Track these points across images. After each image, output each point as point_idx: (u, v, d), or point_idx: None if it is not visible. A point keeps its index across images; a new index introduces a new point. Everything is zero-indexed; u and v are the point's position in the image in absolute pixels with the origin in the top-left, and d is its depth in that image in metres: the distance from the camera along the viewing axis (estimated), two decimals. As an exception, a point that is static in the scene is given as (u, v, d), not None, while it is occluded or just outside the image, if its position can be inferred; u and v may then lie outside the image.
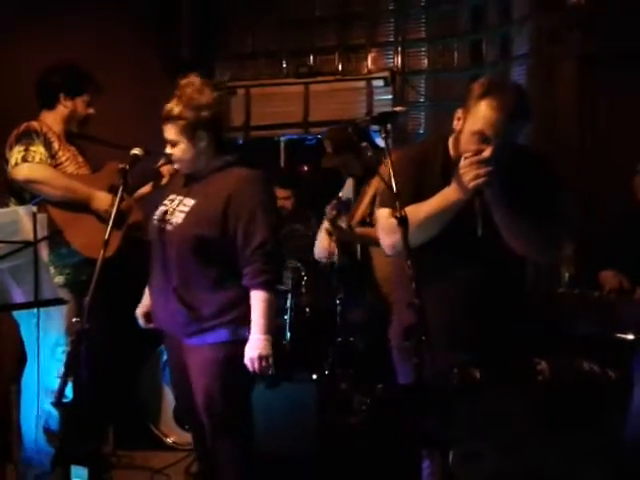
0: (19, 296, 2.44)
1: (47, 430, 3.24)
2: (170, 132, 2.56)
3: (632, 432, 2.31)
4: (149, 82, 4.60)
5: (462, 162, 2.06)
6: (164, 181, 3.14)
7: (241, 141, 5.31)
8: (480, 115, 2.07)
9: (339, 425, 3.26)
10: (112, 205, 3.24)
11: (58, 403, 2.26)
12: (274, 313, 2.54)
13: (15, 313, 3.13)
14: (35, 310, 2.89)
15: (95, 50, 4.23)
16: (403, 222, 1.93)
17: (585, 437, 1.86)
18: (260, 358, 2.47)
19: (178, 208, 2.58)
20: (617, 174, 3.64)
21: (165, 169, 3.11)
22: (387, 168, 2.05)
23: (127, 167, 2.45)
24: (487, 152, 2.05)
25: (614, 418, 1.91)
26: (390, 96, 4.97)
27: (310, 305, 3.61)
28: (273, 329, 2.52)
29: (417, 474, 2.20)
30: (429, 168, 2.22)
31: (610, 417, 1.91)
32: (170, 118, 2.54)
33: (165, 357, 3.67)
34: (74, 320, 2.19)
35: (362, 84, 5.02)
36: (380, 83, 4.99)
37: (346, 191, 3.63)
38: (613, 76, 4.28)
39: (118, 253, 3.08)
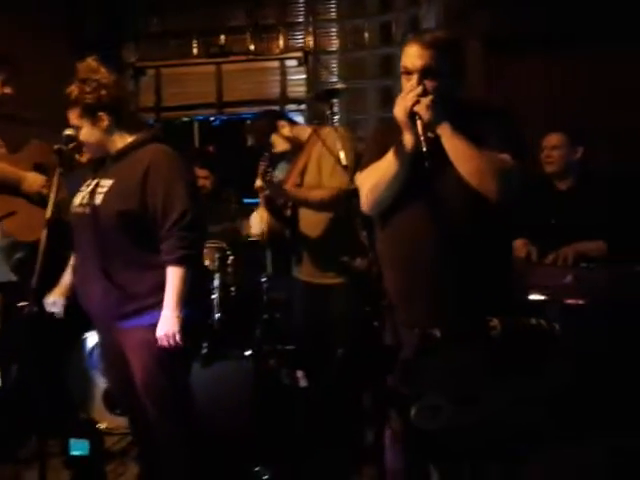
0: None
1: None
2: (72, 116, 2.56)
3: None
4: (55, 63, 4.46)
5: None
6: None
7: (151, 122, 5.24)
8: (402, 57, 2.23)
9: (273, 400, 3.32)
10: (45, 186, 3.21)
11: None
12: (188, 287, 2.50)
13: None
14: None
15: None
16: (354, 193, 2.02)
17: (532, 383, 2.01)
18: (168, 336, 2.49)
19: (97, 190, 2.56)
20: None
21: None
22: (337, 142, 2.14)
23: (63, 148, 2.43)
24: (413, 80, 2.17)
25: (558, 366, 2.08)
26: (304, 76, 5.03)
27: (236, 284, 3.64)
28: (182, 304, 2.49)
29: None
30: (395, 135, 2.27)
31: (555, 365, 2.08)
32: (70, 102, 2.54)
33: (90, 344, 3.65)
34: (21, 304, 2.15)
35: (275, 64, 5.05)
36: (293, 63, 5.04)
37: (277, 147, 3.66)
38: (517, 56, 4.47)
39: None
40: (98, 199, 2.53)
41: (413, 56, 2.19)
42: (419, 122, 2.12)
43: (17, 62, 3.31)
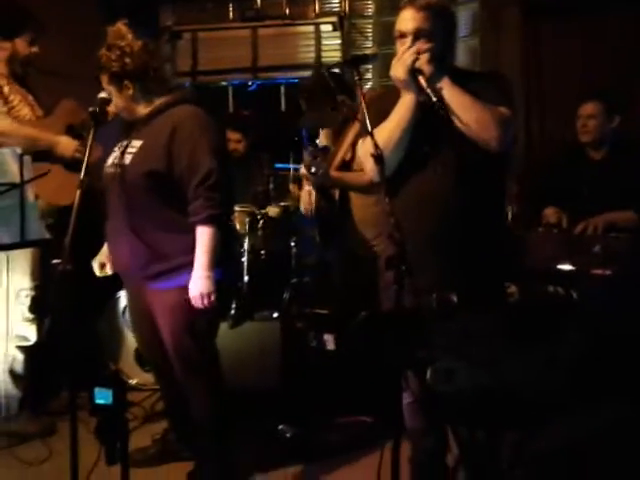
0: (5, 237, 2.47)
1: (13, 374, 3.29)
2: (103, 81, 2.60)
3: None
4: (87, 27, 4.49)
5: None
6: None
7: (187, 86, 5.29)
8: (397, 22, 2.26)
9: (300, 360, 3.38)
10: (78, 150, 3.24)
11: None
12: (218, 247, 2.51)
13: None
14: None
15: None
16: (379, 160, 2.04)
17: (549, 350, 2.03)
18: (202, 296, 2.50)
19: (127, 151, 2.60)
20: (560, 117, 3.78)
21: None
22: (361, 108, 2.17)
23: (97, 110, 2.45)
24: (407, 41, 2.21)
25: (576, 333, 2.10)
26: (338, 41, 5.00)
27: (266, 247, 3.69)
28: (214, 264, 2.50)
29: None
30: (390, 101, 2.31)
31: (573, 332, 2.09)
32: (99, 68, 2.57)
33: (123, 302, 3.75)
34: (54, 262, 2.21)
35: (310, 29, 5.02)
36: (328, 27, 5.00)
37: (322, 140, 3.65)
38: (556, 22, 4.40)
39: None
40: (127, 159, 2.57)
41: (407, 19, 2.23)
42: (421, 77, 2.17)
43: (41, 20, 3.29)
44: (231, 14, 5.24)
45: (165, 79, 2.67)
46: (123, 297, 3.72)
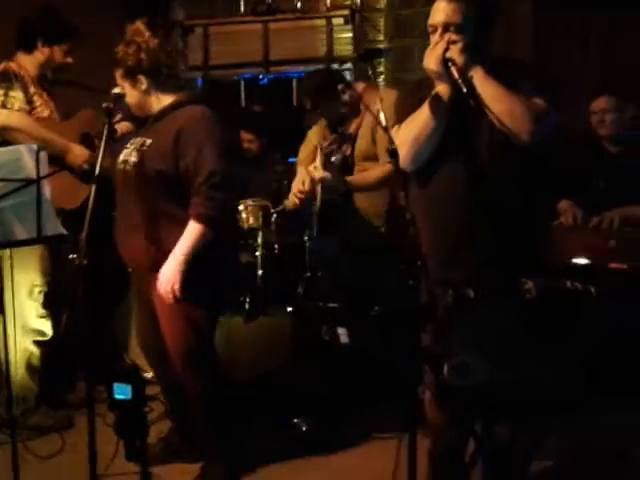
0: (21, 233, 2.49)
1: (30, 368, 3.34)
2: (117, 76, 2.67)
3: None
4: (110, 24, 4.50)
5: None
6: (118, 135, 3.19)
7: (200, 80, 5.30)
8: (430, 15, 2.27)
9: (314, 354, 3.40)
10: (87, 161, 3.29)
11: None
12: (201, 246, 2.54)
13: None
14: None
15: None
16: (394, 154, 2.03)
17: (566, 346, 2.03)
18: (166, 284, 2.54)
19: (137, 148, 2.65)
20: (572, 111, 3.77)
21: (121, 126, 3.16)
22: (376, 104, 2.16)
23: (111, 106, 2.50)
24: (437, 34, 2.22)
25: (593, 329, 2.09)
26: (350, 35, 4.96)
27: (279, 242, 3.70)
28: (189, 258, 2.53)
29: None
30: (424, 92, 2.31)
31: (589, 328, 2.09)
32: (116, 62, 2.64)
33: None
34: (71, 257, 2.24)
35: (322, 22, 4.99)
36: (340, 21, 4.97)
37: (312, 137, 3.65)
38: (567, 17, 4.40)
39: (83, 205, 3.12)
40: (136, 157, 2.62)
41: (438, 11, 2.25)
42: (453, 68, 2.16)
43: (81, 33, 3.40)
44: (242, 8, 5.24)
45: (177, 76, 2.72)
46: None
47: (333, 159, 3.21)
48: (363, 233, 3.41)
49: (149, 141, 2.63)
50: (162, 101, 2.68)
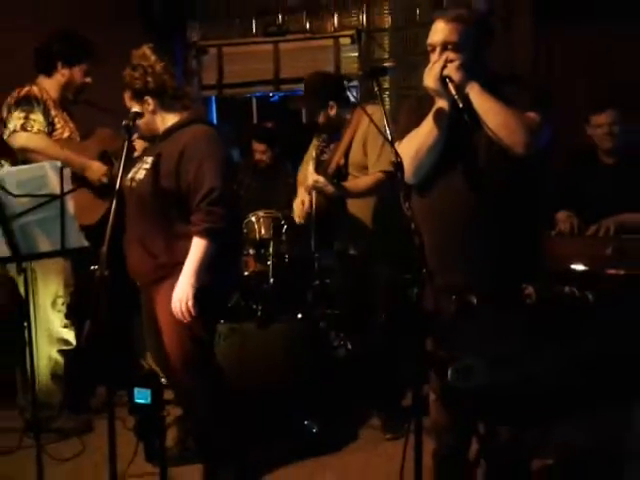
0: (46, 246, 2.60)
1: (55, 376, 3.44)
2: (126, 98, 2.78)
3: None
4: (128, 46, 4.66)
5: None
6: (136, 154, 3.32)
7: (214, 99, 5.48)
8: (429, 35, 2.38)
9: (324, 359, 3.51)
10: (105, 175, 3.38)
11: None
12: (207, 260, 2.62)
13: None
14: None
15: (78, 11, 4.29)
16: (399, 167, 2.15)
17: (565, 350, 2.10)
18: (181, 302, 2.61)
19: (142, 166, 2.77)
20: (571, 121, 3.86)
21: (138, 143, 3.28)
22: (382, 118, 2.30)
23: (131, 123, 2.62)
24: (436, 53, 2.32)
25: (590, 333, 2.17)
26: (356, 54, 5.13)
27: (289, 252, 3.83)
28: (200, 274, 2.61)
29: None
30: (426, 108, 2.40)
31: (586, 332, 2.16)
32: (124, 85, 2.76)
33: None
34: (92, 268, 2.35)
35: (330, 42, 5.17)
36: (347, 41, 5.14)
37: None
38: (567, 26, 4.45)
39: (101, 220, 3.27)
40: (141, 174, 2.75)
41: (436, 31, 2.34)
42: (451, 84, 2.26)
43: (100, 54, 3.49)
44: (254, 29, 5.42)
45: (181, 97, 2.81)
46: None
47: (323, 158, 3.29)
48: (359, 241, 3.50)
49: (153, 159, 2.74)
50: (167, 121, 2.79)
